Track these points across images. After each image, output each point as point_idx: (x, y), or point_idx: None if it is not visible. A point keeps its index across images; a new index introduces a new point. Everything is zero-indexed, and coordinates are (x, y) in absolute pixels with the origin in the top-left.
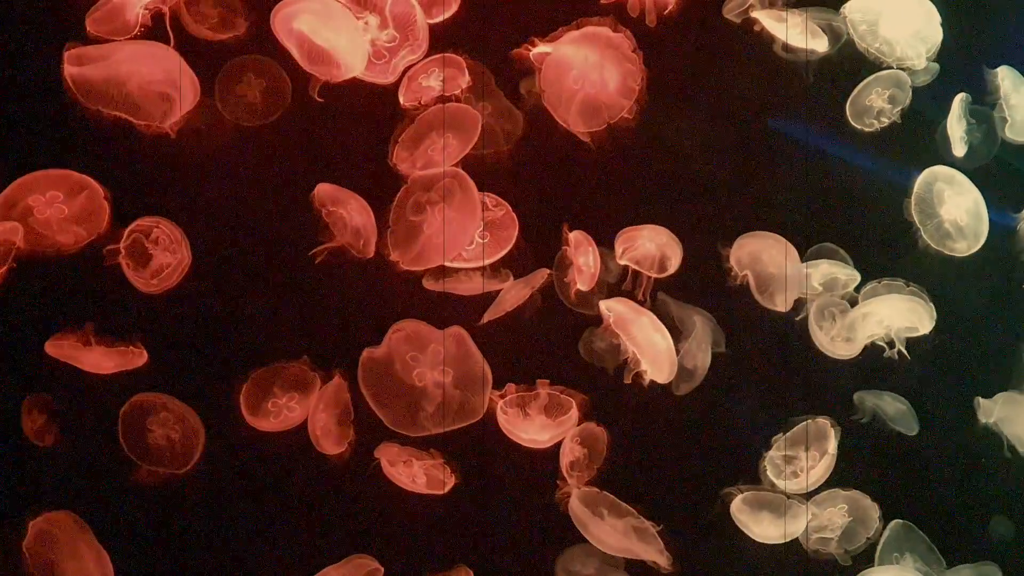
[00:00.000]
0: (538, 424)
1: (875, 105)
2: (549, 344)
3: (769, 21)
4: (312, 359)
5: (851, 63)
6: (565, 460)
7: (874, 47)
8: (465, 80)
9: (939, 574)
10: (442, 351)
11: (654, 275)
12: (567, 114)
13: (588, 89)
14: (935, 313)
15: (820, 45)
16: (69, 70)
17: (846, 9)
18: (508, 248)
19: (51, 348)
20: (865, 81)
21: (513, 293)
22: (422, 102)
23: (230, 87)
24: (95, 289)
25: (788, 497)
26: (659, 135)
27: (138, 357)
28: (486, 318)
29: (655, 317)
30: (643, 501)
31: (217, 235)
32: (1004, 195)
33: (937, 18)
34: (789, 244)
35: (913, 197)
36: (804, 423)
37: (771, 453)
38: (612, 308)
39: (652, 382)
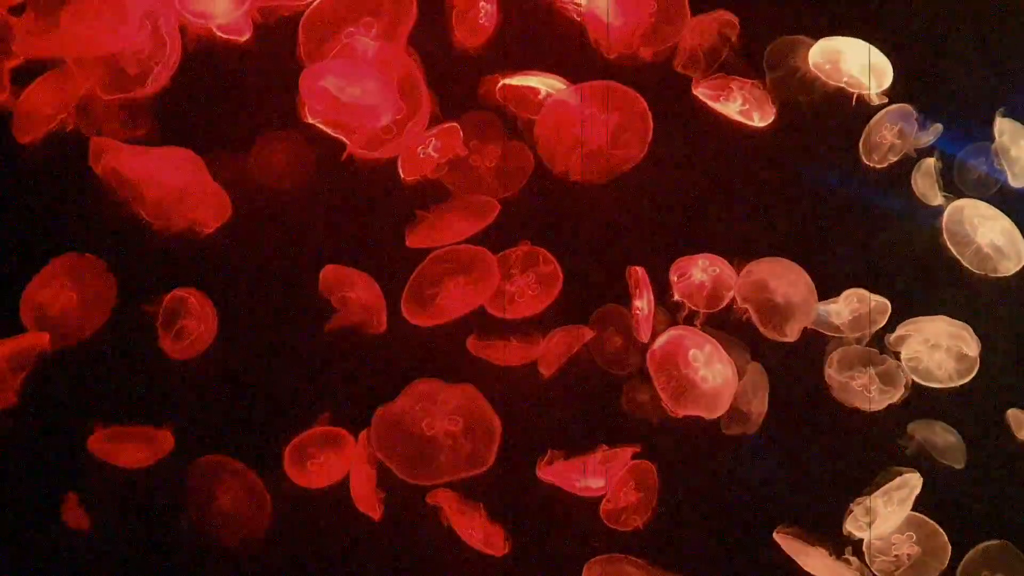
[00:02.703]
0: (591, 471)
1: (885, 141)
2: (592, 398)
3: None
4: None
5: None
6: (617, 504)
7: (843, 81)
8: (461, 147)
9: None
10: (451, 403)
11: (703, 309)
12: (566, 163)
13: (591, 145)
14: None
15: (767, 117)
16: (106, 162)
17: (810, 58)
18: (552, 301)
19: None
20: (875, 118)
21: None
22: (423, 174)
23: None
24: (119, 365)
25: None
26: (671, 177)
27: (166, 442)
28: (546, 374)
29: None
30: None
31: (237, 302)
32: None
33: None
34: (800, 269)
35: (944, 231)
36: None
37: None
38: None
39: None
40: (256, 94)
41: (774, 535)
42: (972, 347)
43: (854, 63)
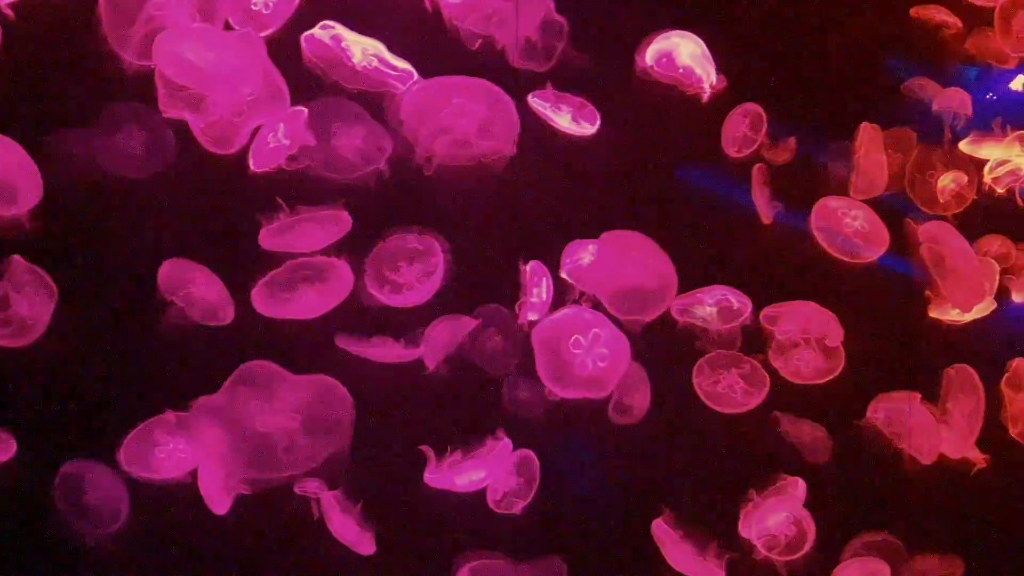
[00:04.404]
0: (471, 467)
1: (738, 134)
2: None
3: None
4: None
5: None
6: (499, 491)
7: (677, 74)
8: (308, 135)
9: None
10: (292, 397)
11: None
12: (429, 148)
13: (458, 133)
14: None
15: (587, 129)
16: None
17: (647, 57)
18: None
19: None
20: (729, 115)
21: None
22: (278, 165)
23: (110, 135)
24: None
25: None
26: (541, 173)
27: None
28: (430, 367)
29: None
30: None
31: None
32: None
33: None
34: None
35: (813, 227)
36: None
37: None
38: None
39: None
40: (64, 74)
41: (653, 524)
42: (837, 335)
43: (686, 55)
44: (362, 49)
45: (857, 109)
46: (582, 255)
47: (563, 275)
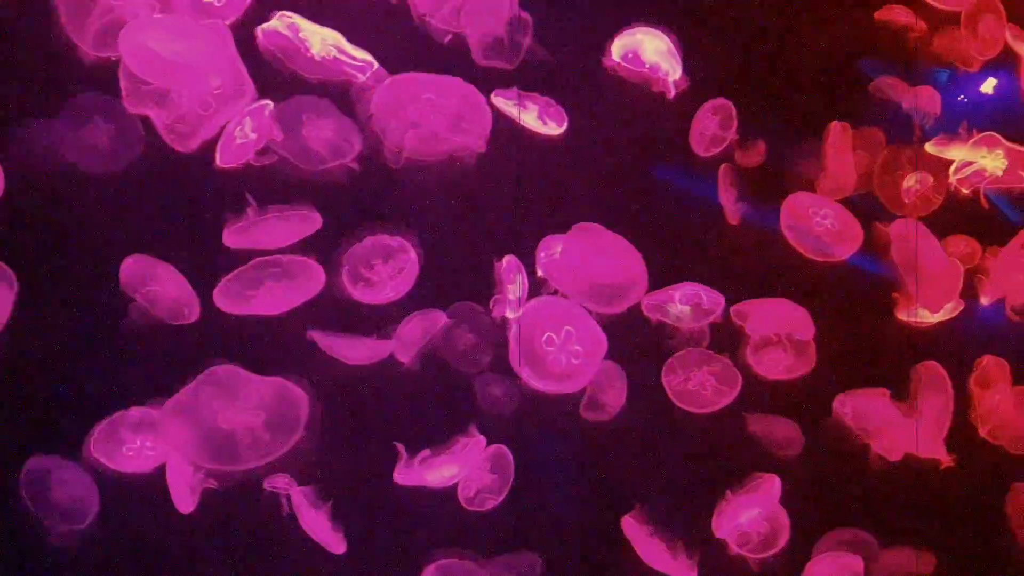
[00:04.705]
0: (442, 463)
1: (708, 132)
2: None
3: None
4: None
5: None
6: (472, 488)
7: (644, 70)
8: (275, 129)
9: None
10: (254, 396)
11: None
12: (399, 141)
13: (427, 129)
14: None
15: (554, 129)
16: None
17: (613, 53)
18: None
19: None
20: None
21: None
22: (247, 160)
23: (75, 128)
24: None
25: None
26: (511, 170)
27: None
28: (405, 361)
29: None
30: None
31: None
32: None
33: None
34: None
35: (783, 226)
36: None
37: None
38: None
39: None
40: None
41: (623, 521)
42: (808, 330)
43: (652, 51)
44: (320, 39)
45: (827, 109)
46: (556, 250)
47: (538, 270)
